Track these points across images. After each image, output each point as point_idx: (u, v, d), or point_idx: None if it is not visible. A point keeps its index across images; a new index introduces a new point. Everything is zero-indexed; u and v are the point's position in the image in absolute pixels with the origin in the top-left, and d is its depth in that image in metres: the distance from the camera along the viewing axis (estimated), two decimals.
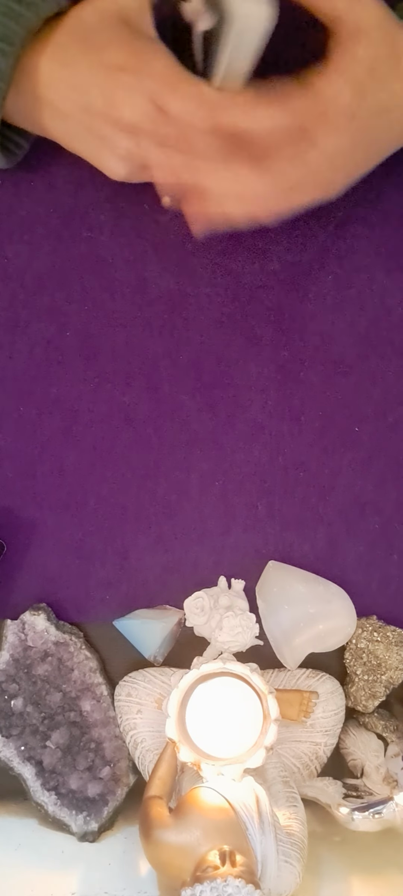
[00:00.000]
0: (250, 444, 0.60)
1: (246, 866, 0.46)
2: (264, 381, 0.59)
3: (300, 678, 0.59)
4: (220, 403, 0.59)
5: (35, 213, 0.57)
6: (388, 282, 0.58)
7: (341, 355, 0.59)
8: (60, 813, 0.60)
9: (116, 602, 0.60)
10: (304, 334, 0.59)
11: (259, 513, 0.60)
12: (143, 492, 0.60)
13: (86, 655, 0.60)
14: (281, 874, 0.50)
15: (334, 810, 0.55)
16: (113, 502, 0.60)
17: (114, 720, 0.60)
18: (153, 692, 0.59)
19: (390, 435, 0.60)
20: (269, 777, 0.56)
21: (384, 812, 0.54)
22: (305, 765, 0.58)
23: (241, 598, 0.60)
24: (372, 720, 0.60)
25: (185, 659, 0.59)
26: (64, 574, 0.60)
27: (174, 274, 0.58)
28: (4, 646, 0.60)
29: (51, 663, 0.59)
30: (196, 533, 0.60)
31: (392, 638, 0.59)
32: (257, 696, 0.55)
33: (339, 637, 0.59)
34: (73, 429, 0.59)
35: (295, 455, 0.60)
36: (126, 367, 0.59)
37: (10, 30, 0.44)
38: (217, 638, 0.59)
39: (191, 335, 0.59)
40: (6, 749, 0.60)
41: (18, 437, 0.59)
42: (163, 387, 0.59)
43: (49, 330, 0.58)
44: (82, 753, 0.60)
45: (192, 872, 0.47)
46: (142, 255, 0.58)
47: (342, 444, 0.60)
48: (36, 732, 0.60)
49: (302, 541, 0.60)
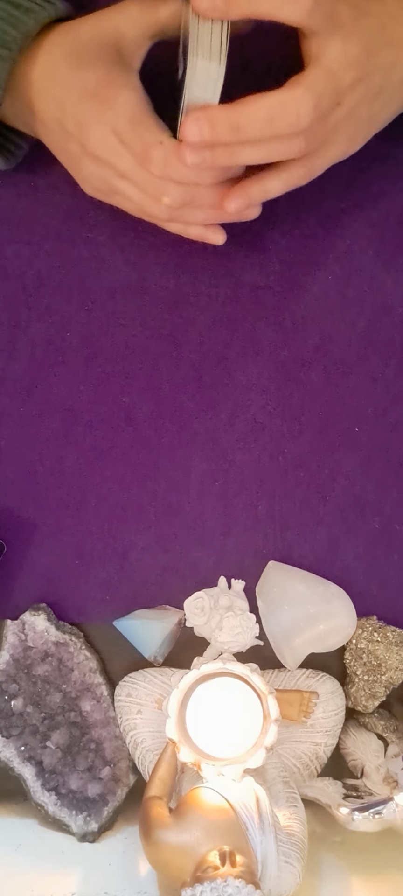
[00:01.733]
0: (250, 444, 0.60)
1: (247, 866, 0.46)
2: (264, 381, 0.59)
3: (300, 678, 0.59)
4: (220, 403, 0.59)
5: (35, 213, 0.57)
6: (388, 282, 0.58)
7: (341, 355, 0.59)
8: (60, 813, 0.60)
9: (116, 602, 0.60)
10: (304, 334, 0.59)
11: (259, 513, 0.60)
12: (143, 492, 0.60)
13: (86, 656, 0.60)
14: (282, 874, 0.50)
15: (334, 810, 0.55)
16: (113, 502, 0.60)
17: (114, 720, 0.60)
18: (153, 692, 0.59)
19: (390, 435, 0.60)
20: (269, 777, 0.56)
21: (384, 812, 0.54)
22: (305, 765, 0.58)
23: (241, 598, 0.60)
24: (372, 720, 0.60)
25: (185, 659, 0.59)
26: (64, 574, 0.60)
27: (174, 274, 0.58)
28: (4, 646, 0.60)
29: (51, 663, 0.59)
30: (196, 533, 0.60)
31: (392, 638, 0.59)
32: (257, 696, 0.55)
33: (339, 637, 0.59)
34: (73, 429, 0.59)
35: (295, 455, 0.60)
36: (126, 367, 0.59)
37: (8, 35, 0.45)
38: (217, 638, 0.59)
39: (191, 335, 0.59)
40: (6, 749, 0.60)
41: (18, 437, 0.59)
42: (163, 387, 0.59)
43: (49, 330, 0.58)
44: (82, 754, 0.60)
45: (192, 873, 0.47)
46: (142, 255, 0.58)
47: (342, 444, 0.60)
48: (36, 733, 0.60)
49: (302, 541, 0.60)
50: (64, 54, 0.46)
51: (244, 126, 0.42)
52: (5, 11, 0.45)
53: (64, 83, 0.45)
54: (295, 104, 0.42)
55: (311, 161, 0.46)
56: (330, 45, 0.42)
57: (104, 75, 0.45)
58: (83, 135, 0.46)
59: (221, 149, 0.43)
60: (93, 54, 0.45)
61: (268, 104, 0.42)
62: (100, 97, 0.44)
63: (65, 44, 0.46)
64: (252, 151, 0.43)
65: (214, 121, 0.42)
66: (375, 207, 0.58)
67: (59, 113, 0.46)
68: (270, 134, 0.42)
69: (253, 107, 0.42)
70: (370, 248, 0.58)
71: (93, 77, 0.44)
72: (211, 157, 0.43)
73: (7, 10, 0.45)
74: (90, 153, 0.46)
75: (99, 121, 0.45)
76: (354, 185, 0.57)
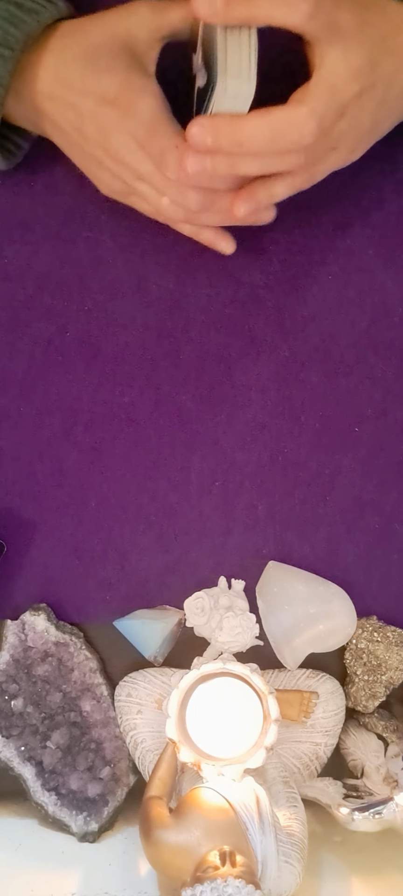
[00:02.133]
0: (250, 444, 0.60)
1: (247, 867, 0.46)
2: (264, 381, 0.59)
3: (300, 678, 0.59)
4: (220, 403, 0.59)
5: (35, 213, 0.57)
6: (388, 282, 0.58)
7: (341, 355, 0.59)
8: (60, 813, 0.60)
9: (116, 602, 0.60)
10: (304, 334, 0.59)
11: (259, 513, 0.60)
12: (143, 492, 0.60)
13: (86, 656, 0.60)
14: (282, 874, 0.50)
15: (334, 810, 0.55)
16: (113, 502, 0.60)
17: (114, 720, 0.60)
18: (153, 692, 0.59)
19: (390, 435, 0.60)
20: (269, 777, 0.56)
21: (384, 812, 0.54)
22: (305, 765, 0.58)
23: (241, 598, 0.60)
24: (372, 720, 0.60)
25: (185, 659, 0.59)
26: (64, 574, 0.60)
27: (174, 274, 0.58)
28: (4, 646, 0.60)
29: (51, 664, 0.59)
30: (196, 533, 0.60)
31: (392, 638, 0.59)
32: (257, 696, 0.55)
33: (339, 637, 0.59)
34: (73, 429, 0.59)
35: (295, 455, 0.60)
36: (126, 367, 0.59)
37: (10, 35, 0.45)
38: (217, 638, 0.59)
39: (191, 335, 0.59)
40: (6, 749, 0.60)
41: (18, 438, 0.59)
42: (163, 387, 0.59)
43: (49, 330, 0.58)
44: (82, 754, 0.60)
45: (192, 873, 0.47)
46: (142, 255, 0.58)
47: (342, 444, 0.60)
48: (36, 733, 0.60)
49: (302, 541, 0.60)
50: (75, 57, 0.46)
51: (246, 141, 0.42)
52: (7, 11, 0.45)
53: (78, 88, 0.45)
54: (298, 124, 0.42)
55: (314, 167, 0.47)
56: (332, 54, 0.42)
57: (123, 82, 0.45)
58: (106, 141, 0.46)
59: (222, 159, 0.43)
60: (107, 58, 0.45)
61: (272, 122, 0.42)
62: (119, 104, 0.45)
63: (75, 46, 0.46)
64: (252, 163, 0.44)
65: (218, 131, 0.42)
66: (375, 207, 0.58)
67: (77, 118, 0.46)
68: (272, 150, 0.43)
69: (257, 123, 0.42)
70: (370, 248, 0.58)
71: (113, 84, 0.45)
72: (211, 165, 0.44)
73: (9, 9, 0.45)
74: (112, 157, 0.47)
75: (120, 129, 0.45)
76: (354, 184, 0.57)
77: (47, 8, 0.46)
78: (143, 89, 0.45)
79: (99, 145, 0.47)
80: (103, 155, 0.47)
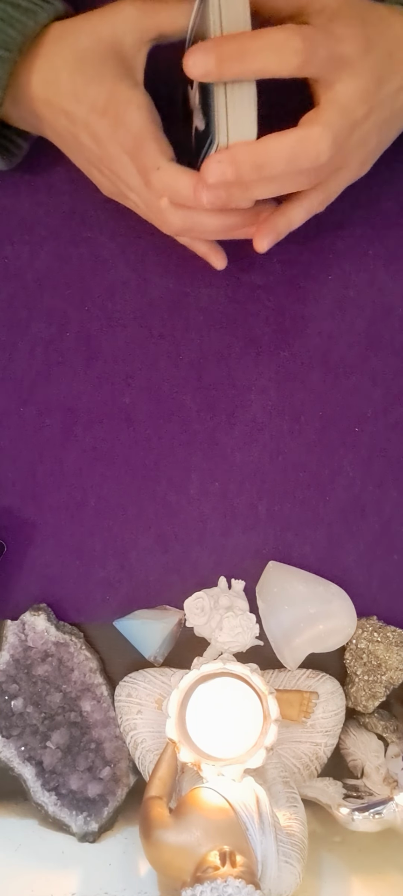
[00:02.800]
0: (250, 444, 0.60)
1: (247, 867, 0.46)
2: (264, 381, 0.59)
3: (300, 678, 0.59)
4: (220, 403, 0.59)
5: (35, 213, 0.57)
6: (388, 282, 0.58)
7: (341, 355, 0.59)
8: (60, 813, 0.60)
9: (116, 602, 0.60)
10: (304, 334, 0.59)
11: (259, 513, 0.60)
12: (143, 492, 0.60)
13: (86, 656, 0.60)
14: (282, 875, 0.50)
15: (334, 811, 0.55)
16: (113, 502, 0.60)
17: (114, 720, 0.60)
18: (153, 693, 0.59)
19: (390, 435, 0.60)
20: (269, 777, 0.55)
21: (384, 812, 0.54)
22: (305, 765, 0.58)
23: (241, 598, 0.60)
24: (372, 721, 0.60)
25: (185, 659, 0.59)
26: (64, 574, 0.60)
27: (174, 274, 0.58)
28: (4, 646, 0.60)
29: (51, 664, 0.59)
30: (196, 533, 0.60)
31: (392, 638, 0.59)
32: (257, 696, 0.55)
33: (339, 637, 0.59)
34: (73, 429, 0.59)
35: (295, 455, 0.60)
36: (126, 367, 0.59)
37: (7, 36, 0.44)
38: (217, 638, 0.59)
39: (191, 335, 0.59)
40: (6, 749, 0.60)
41: (19, 438, 0.59)
42: (163, 387, 0.59)
43: (49, 330, 0.58)
44: (82, 754, 0.60)
45: (193, 873, 0.47)
46: (142, 255, 0.58)
47: (342, 444, 0.60)
48: (36, 733, 0.60)
49: (302, 541, 0.60)
50: (64, 62, 0.45)
51: (267, 165, 0.42)
52: (4, 12, 0.45)
53: (70, 96, 0.45)
54: (314, 143, 0.42)
55: (327, 187, 0.48)
56: (339, 84, 0.43)
57: (111, 92, 0.45)
58: (100, 149, 0.46)
59: (237, 188, 0.43)
60: (95, 64, 0.45)
61: (290, 143, 0.42)
62: (109, 116, 0.45)
63: (65, 50, 0.46)
64: (267, 187, 0.44)
65: (238, 161, 0.42)
66: (375, 208, 0.58)
67: (71, 126, 0.47)
68: (289, 171, 0.43)
69: (276, 145, 0.42)
70: (370, 248, 0.58)
71: (101, 94, 0.45)
72: (226, 195, 0.43)
73: (6, 10, 0.44)
74: (107, 165, 0.47)
75: (112, 139, 0.45)
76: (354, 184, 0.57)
77: (44, 8, 0.45)
78: (130, 101, 0.45)
79: (94, 152, 0.47)
80: (99, 162, 0.48)
